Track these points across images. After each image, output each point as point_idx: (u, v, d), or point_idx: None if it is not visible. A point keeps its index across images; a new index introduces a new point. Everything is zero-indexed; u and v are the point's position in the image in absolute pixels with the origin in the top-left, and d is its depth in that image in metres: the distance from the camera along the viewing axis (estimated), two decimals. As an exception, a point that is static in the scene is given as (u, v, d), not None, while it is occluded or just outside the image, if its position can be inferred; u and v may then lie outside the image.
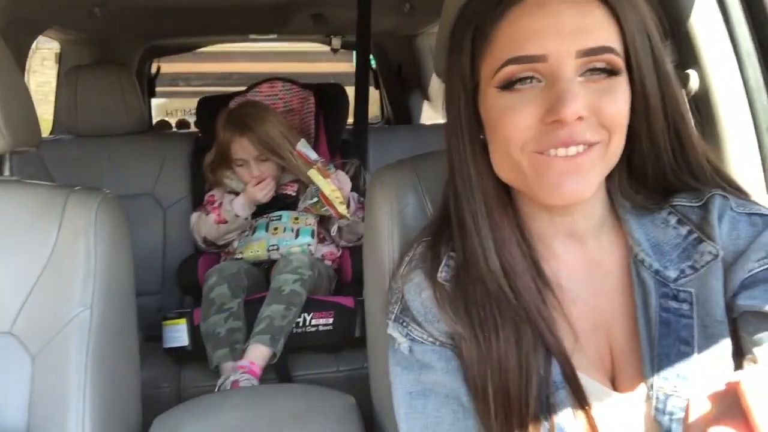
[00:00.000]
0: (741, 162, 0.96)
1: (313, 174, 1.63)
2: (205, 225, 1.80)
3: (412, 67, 2.94)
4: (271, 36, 3.04)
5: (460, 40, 0.64)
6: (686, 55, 0.99)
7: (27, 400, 0.85)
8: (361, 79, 2.19)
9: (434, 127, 2.54)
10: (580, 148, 0.58)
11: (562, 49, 0.57)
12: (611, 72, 0.59)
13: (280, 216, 1.79)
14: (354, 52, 2.54)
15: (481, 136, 0.65)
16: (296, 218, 1.79)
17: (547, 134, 0.58)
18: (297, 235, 1.75)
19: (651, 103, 0.62)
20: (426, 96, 2.93)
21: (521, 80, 0.59)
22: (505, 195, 0.67)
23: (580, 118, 0.57)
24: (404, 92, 3.04)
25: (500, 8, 0.59)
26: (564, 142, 0.58)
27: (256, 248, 1.75)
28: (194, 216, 1.85)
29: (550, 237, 0.67)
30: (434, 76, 0.94)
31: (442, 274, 0.67)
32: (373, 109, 3.00)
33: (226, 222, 1.76)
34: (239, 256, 1.75)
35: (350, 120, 2.20)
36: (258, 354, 1.46)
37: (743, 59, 0.95)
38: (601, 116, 0.58)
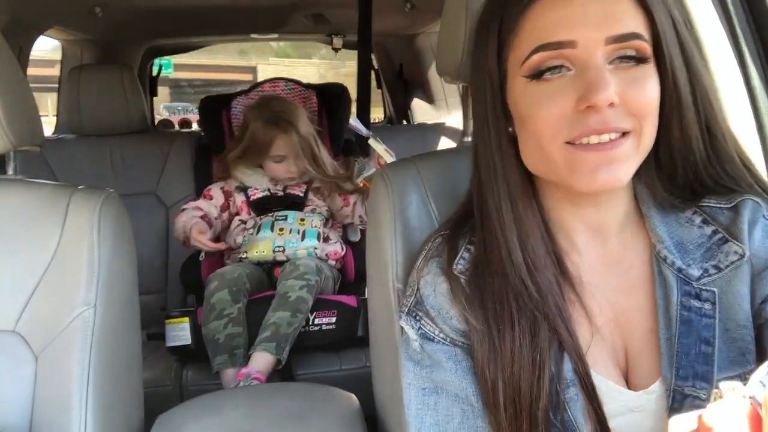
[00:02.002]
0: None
1: (374, 143, 1.70)
2: (179, 221, 1.76)
3: (414, 67, 2.94)
4: (272, 35, 3.04)
5: (486, 33, 0.64)
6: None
7: (30, 398, 0.85)
8: (363, 78, 2.19)
9: (436, 127, 2.54)
10: (613, 135, 0.58)
11: (590, 35, 0.57)
12: (640, 60, 0.58)
13: (286, 216, 1.79)
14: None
15: (510, 129, 0.65)
16: (302, 219, 1.79)
17: (580, 122, 0.58)
18: (303, 237, 1.75)
19: (681, 92, 0.61)
20: (428, 95, 2.93)
21: (550, 69, 0.59)
22: (530, 187, 0.66)
23: (611, 105, 0.57)
24: (406, 92, 3.04)
25: (526, 1, 0.60)
26: (597, 129, 0.57)
27: (262, 248, 1.74)
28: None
29: (573, 231, 0.67)
30: (437, 75, 0.94)
31: (458, 266, 0.67)
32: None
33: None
34: (243, 255, 1.75)
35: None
36: (263, 362, 1.47)
37: (745, 59, 0.95)
38: (630, 105, 0.58)
